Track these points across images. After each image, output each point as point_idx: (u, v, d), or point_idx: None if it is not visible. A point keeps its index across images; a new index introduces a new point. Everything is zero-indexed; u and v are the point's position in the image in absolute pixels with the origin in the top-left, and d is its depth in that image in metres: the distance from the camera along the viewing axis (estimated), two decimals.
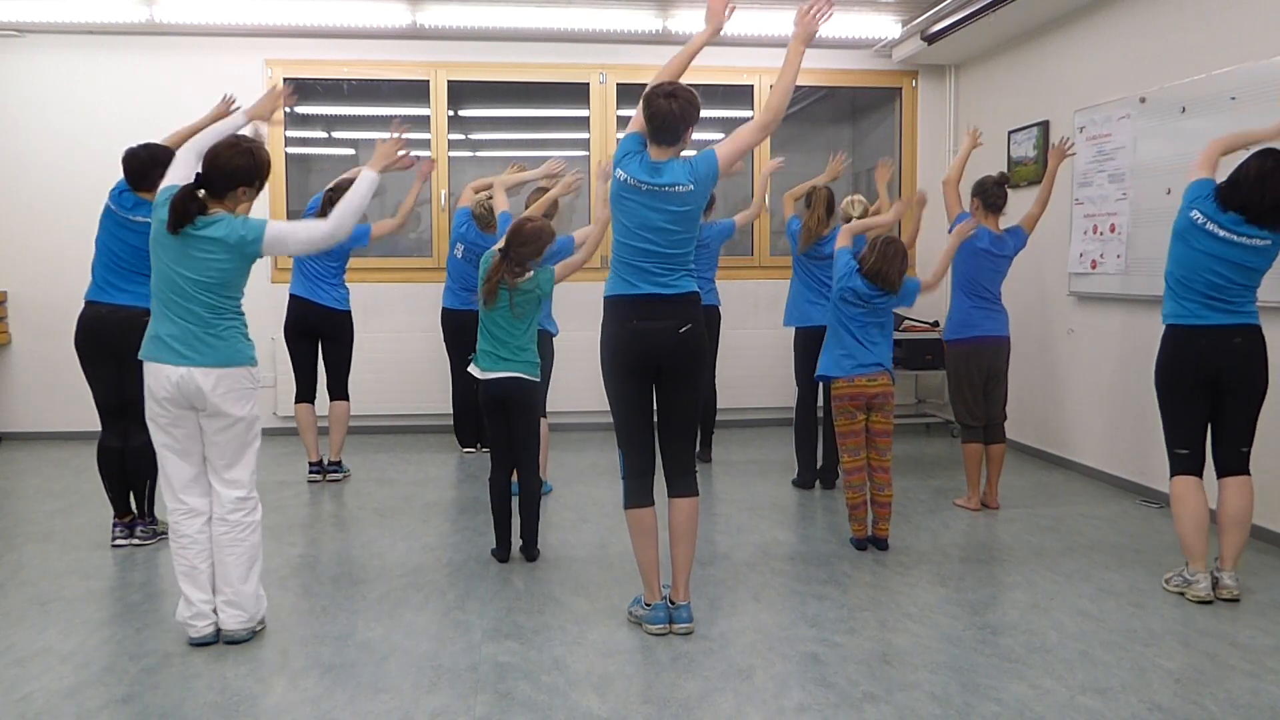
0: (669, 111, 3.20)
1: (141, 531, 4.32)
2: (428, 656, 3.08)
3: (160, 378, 3.09)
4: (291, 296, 5.52)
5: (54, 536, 4.44)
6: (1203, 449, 3.66)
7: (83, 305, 4.36)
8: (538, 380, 4.09)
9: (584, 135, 7.19)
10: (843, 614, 3.45)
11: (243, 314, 3.21)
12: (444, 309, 6.12)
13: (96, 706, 2.74)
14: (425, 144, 7.04)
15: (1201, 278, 3.55)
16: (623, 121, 7.17)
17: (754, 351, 6.79)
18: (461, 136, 7.75)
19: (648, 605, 3.32)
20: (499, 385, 4.00)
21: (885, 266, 4.16)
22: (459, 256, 5.88)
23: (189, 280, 3.07)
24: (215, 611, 3.18)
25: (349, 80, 7.08)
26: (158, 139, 7.03)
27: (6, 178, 6.71)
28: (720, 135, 8.58)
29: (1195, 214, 3.55)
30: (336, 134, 8.01)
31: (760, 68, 7.17)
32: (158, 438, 3.17)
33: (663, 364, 3.25)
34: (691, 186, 3.23)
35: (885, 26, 6.70)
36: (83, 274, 7.20)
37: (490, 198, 5.45)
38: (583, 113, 7.13)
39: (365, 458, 6.14)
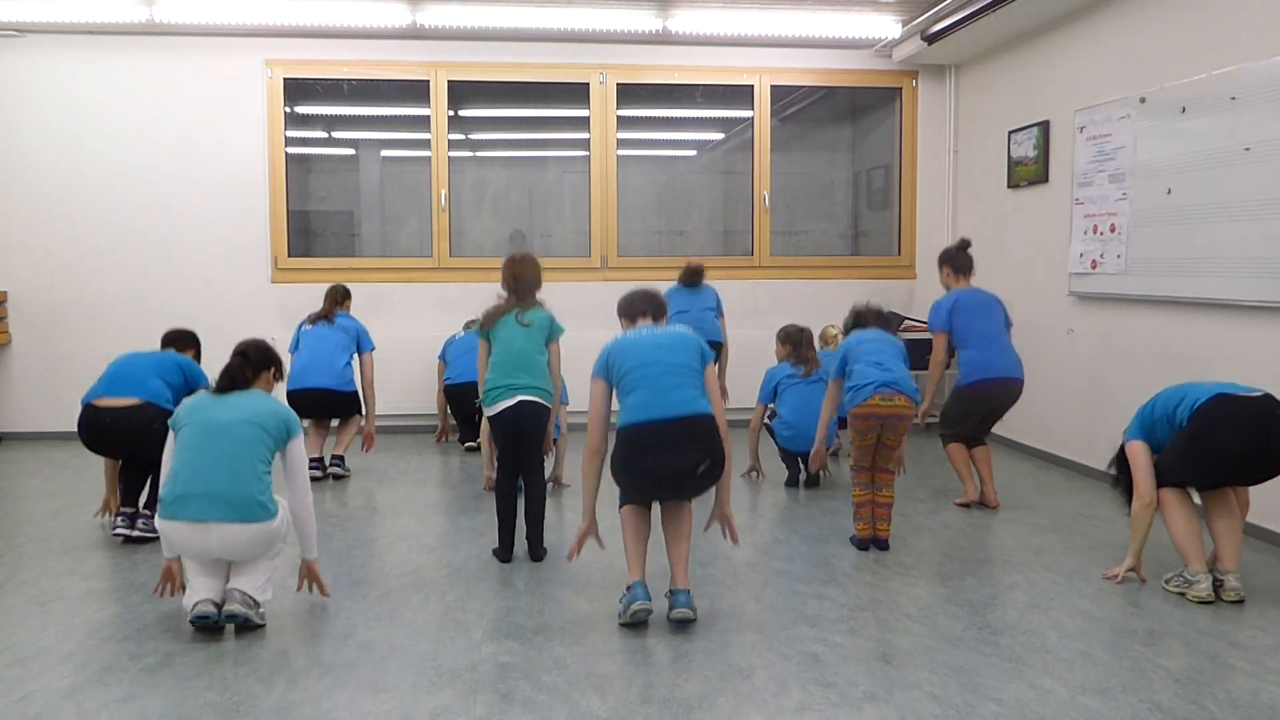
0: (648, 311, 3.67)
1: (143, 524, 4.33)
2: (428, 656, 3.08)
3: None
4: (295, 390, 5.47)
5: (54, 536, 4.44)
6: None
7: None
8: (549, 406, 4.10)
9: (584, 135, 7.19)
10: (843, 614, 3.45)
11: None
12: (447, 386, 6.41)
13: (96, 706, 2.74)
14: (425, 144, 7.05)
15: (1198, 385, 3.67)
16: (623, 121, 7.19)
17: (754, 351, 6.78)
18: (461, 136, 7.75)
19: (628, 588, 3.33)
20: (512, 412, 4.00)
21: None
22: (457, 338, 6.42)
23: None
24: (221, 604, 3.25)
25: (349, 80, 7.08)
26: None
27: (6, 177, 6.71)
28: (721, 135, 8.62)
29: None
30: (336, 134, 8.02)
31: (760, 67, 7.18)
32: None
33: (678, 491, 3.37)
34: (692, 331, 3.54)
35: (885, 26, 6.70)
36: (82, 274, 7.23)
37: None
38: (583, 113, 7.14)
39: (365, 457, 6.13)
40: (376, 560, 4.09)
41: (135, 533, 4.31)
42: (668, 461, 3.22)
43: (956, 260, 5.07)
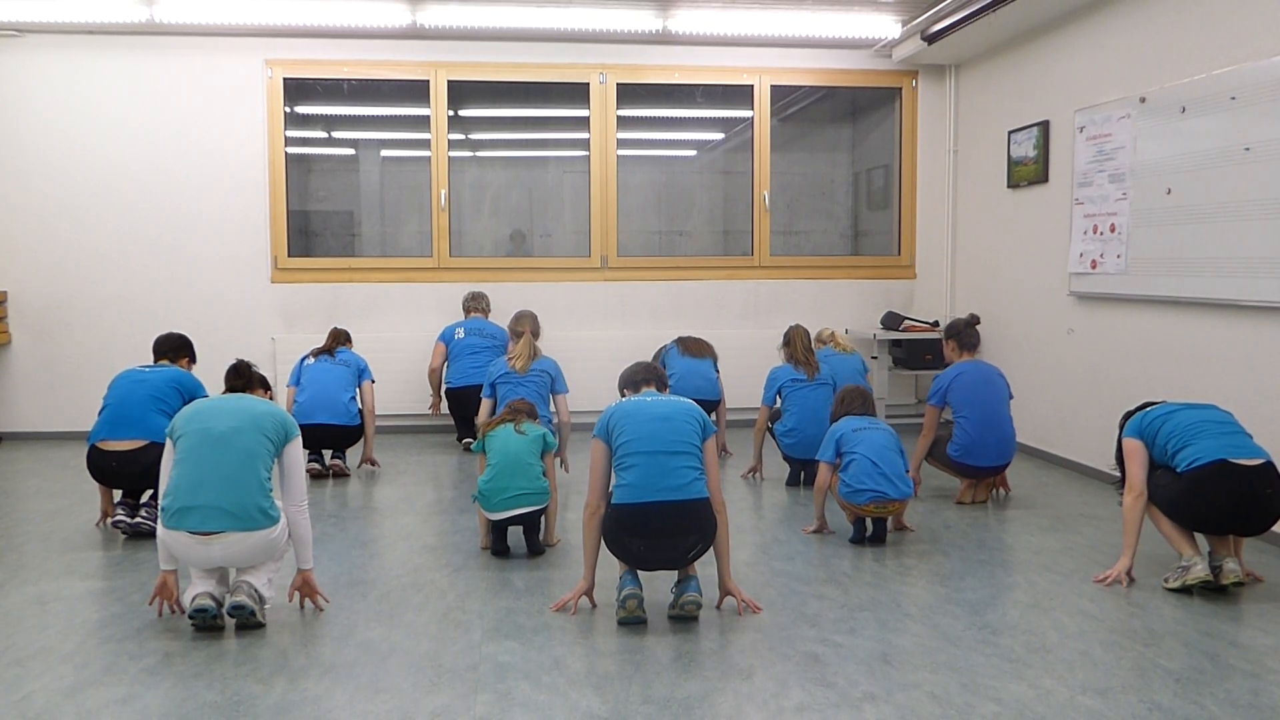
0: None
1: (145, 513, 4.34)
2: (428, 656, 3.08)
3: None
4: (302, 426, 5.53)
5: (54, 536, 4.44)
6: None
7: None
8: (547, 505, 4.11)
9: (584, 135, 7.19)
10: (843, 614, 3.45)
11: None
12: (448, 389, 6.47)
13: (96, 706, 2.74)
14: (425, 144, 7.05)
15: (1206, 427, 3.66)
16: (623, 121, 7.19)
17: (754, 351, 6.79)
18: (461, 136, 7.75)
19: (619, 578, 3.37)
20: (513, 520, 4.05)
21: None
22: (460, 338, 6.45)
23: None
24: (223, 600, 3.27)
25: (349, 80, 7.08)
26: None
27: (6, 177, 6.70)
28: (721, 135, 8.62)
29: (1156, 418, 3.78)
30: (336, 134, 8.02)
31: (760, 67, 7.17)
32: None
33: (665, 566, 3.39)
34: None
35: (885, 26, 6.70)
36: (82, 274, 7.21)
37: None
38: (583, 113, 7.14)
39: None
40: (376, 560, 4.09)
41: (137, 519, 4.32)
42: (654, 545, 3.29)
43: (963, 336, 5.20)
